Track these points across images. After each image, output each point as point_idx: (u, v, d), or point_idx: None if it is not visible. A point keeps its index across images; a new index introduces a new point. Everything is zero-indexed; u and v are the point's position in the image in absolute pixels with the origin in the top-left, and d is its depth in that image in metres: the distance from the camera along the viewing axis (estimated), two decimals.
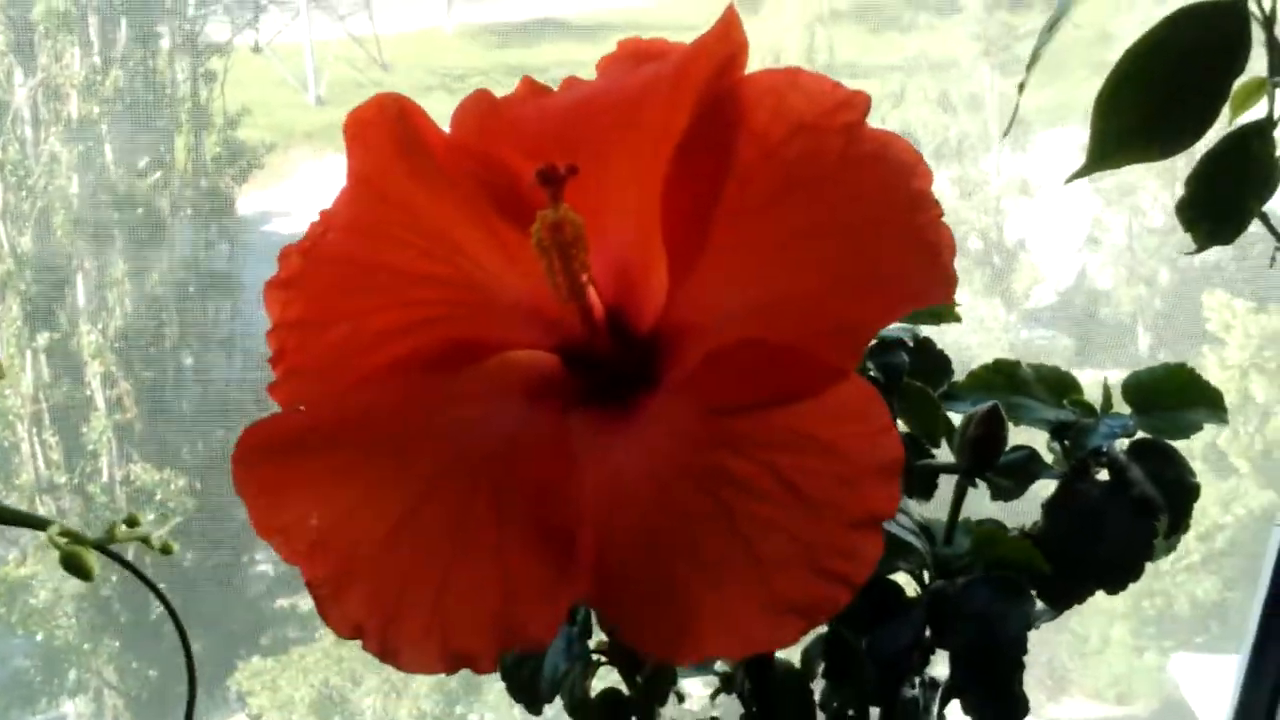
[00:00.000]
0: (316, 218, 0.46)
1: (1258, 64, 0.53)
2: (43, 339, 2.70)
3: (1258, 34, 0.51)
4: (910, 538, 0.54)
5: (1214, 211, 0.54)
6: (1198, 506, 0.58)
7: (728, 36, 0.42)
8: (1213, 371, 2.68)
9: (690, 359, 0.42)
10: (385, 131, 0.44)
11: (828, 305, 0.40)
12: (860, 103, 0.42)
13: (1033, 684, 0.58)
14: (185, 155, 3.20)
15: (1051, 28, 0.53)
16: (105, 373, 2.76)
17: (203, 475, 2.74)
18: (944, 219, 0.42)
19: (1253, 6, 0.50)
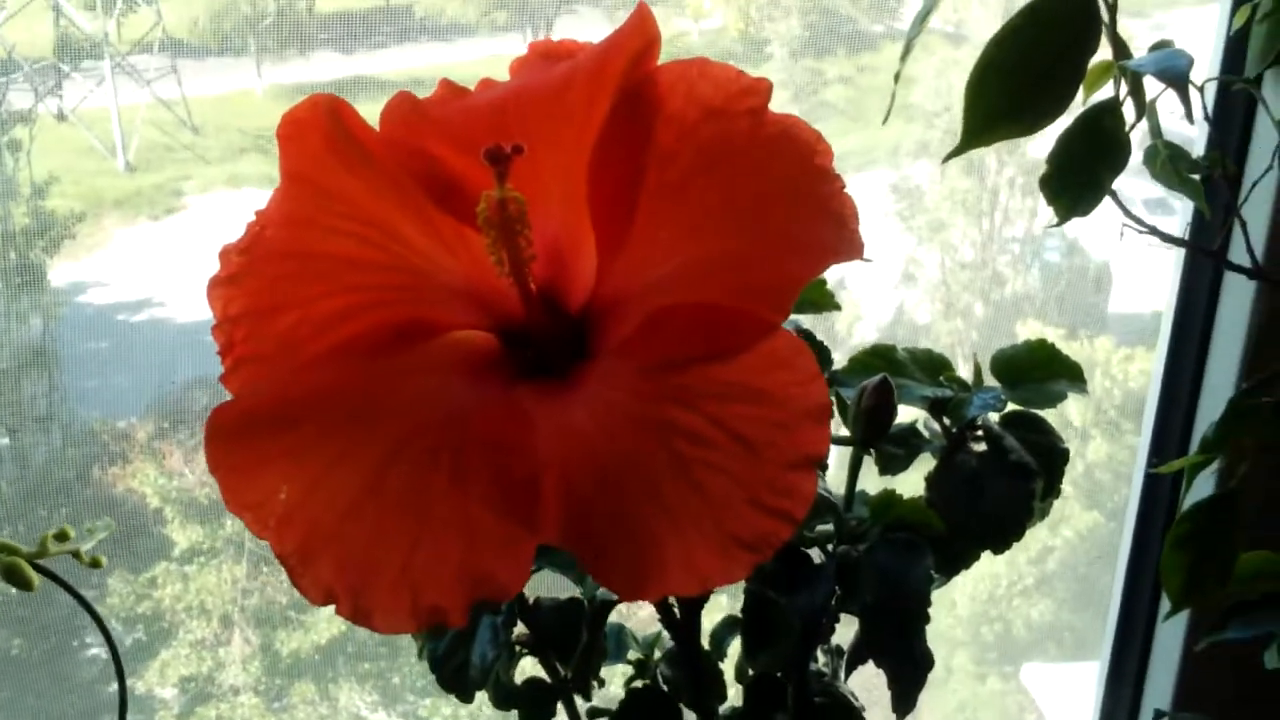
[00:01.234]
0: (252, 217, 0.48)
1: (1107, 48, 0.58)
2: None
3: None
4: (828, 495, 0.57)
5: (1073, 185, 0.59)
6: (1027, 531, 0.63)
7: (641, 30, 0.46)
8: None
9: (626, 326, 0.45)
10: (319, 129, 0.46)
11: (750, 266, 0.44)
12: (763, 89, 0.46)
13: (881, 717, 0.62)
14: None
15: (923, 19, 0.58)
16: None
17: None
18: (845, 189, 0.46)
19: None
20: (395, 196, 0.47)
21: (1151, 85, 0.64)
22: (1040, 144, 0.66)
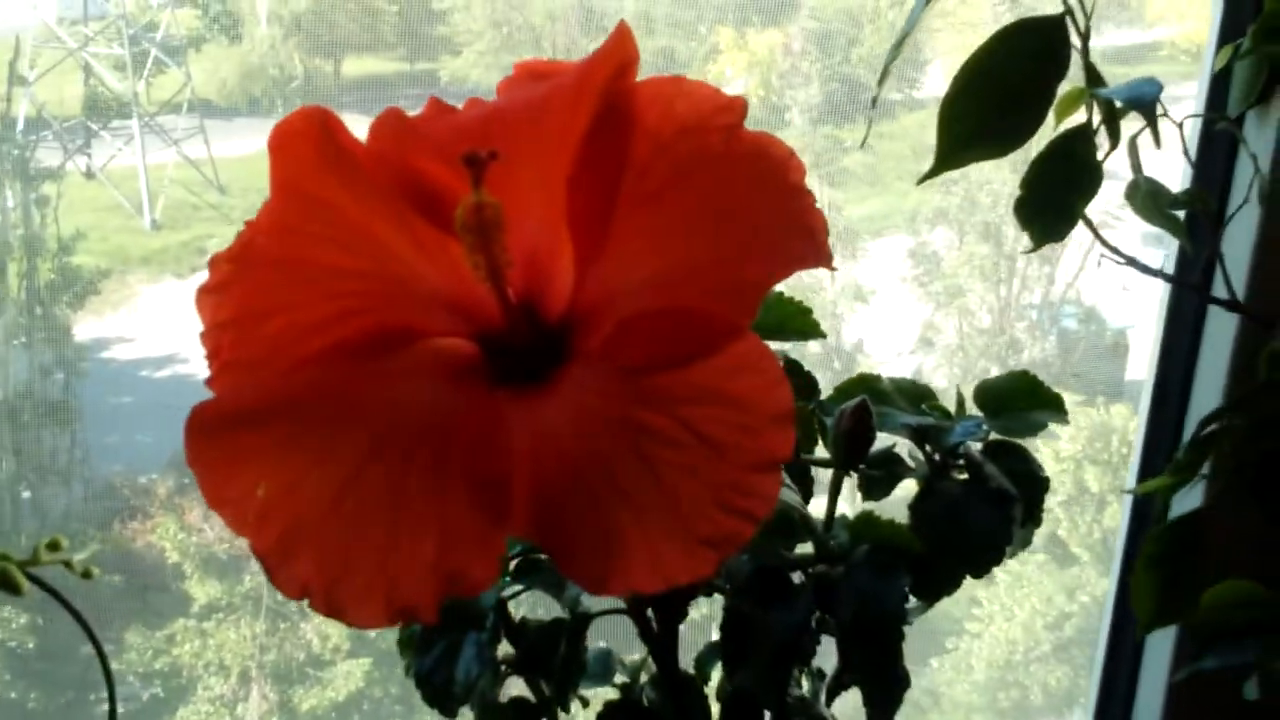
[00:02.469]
0: (243, 228, 0.50)
1: (1079, 75, 0.60)
2: None
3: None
4: (807, 515, 0.59)
5: (1046, 210, 0.61)
6: (1045, 595, 0.63)
7: (620, 48, 0.47)
8: (1048, 464, 2.78)
9: (600, 332, 0.46)
10: (310, 141, 0.48)
11: (719, 272, 0.45)
12: (738, 106, 0.48)
13: None
14: (18, 283, 3.13)
15: (899, 45, 0.60)
16: None
17: (44, 612, 2.66)
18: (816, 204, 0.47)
19: (1071, 25, 0.57)
20: (381, 207, 0.48)
21: (1134, 124, 0.65)
22: None
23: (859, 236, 3.22)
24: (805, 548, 0.62)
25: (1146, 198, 0.65)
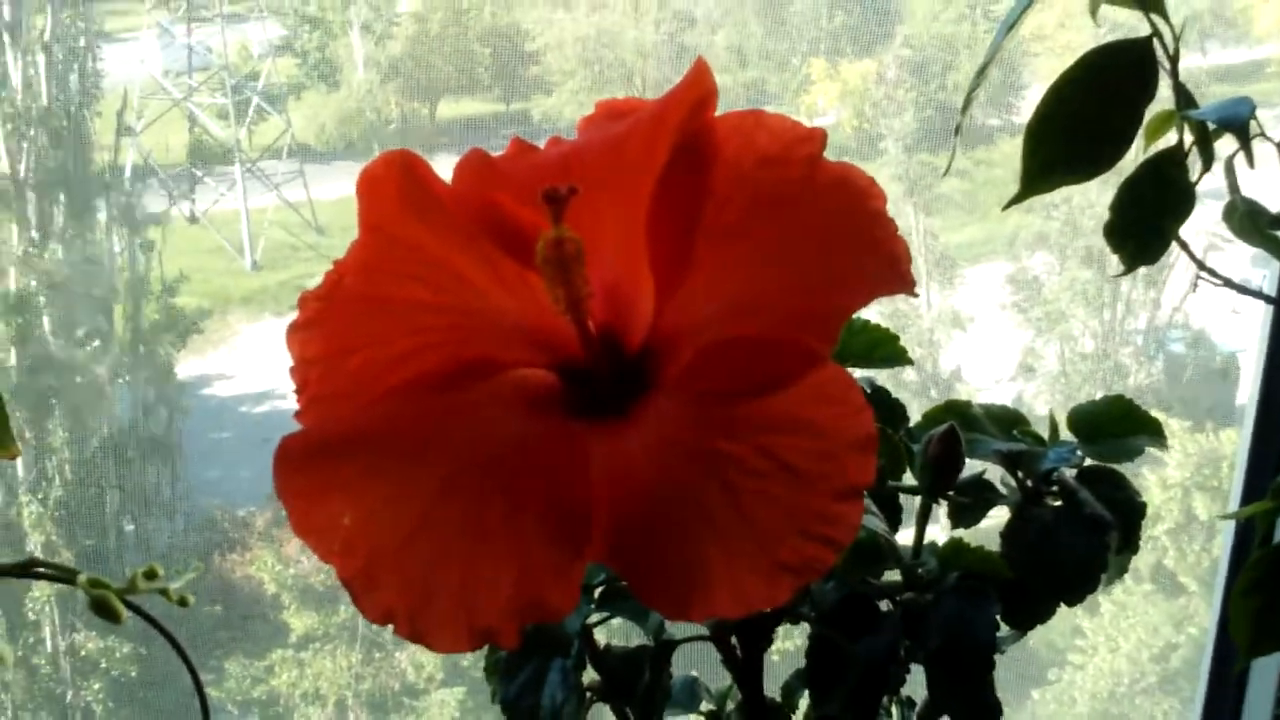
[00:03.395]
0: (330, 267, 0.51)
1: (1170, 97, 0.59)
2: None
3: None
4: (894, 543, 0.58)
5: (1137, 234, 0.60)
6: (1151, 626, 0.62)
7: (699, 83, 0.48)
8: (1154, 491, 2.73)
9: (680, 362, 0.47)
10: (394, 184, 0.49)
11: (800, 301, 0.45)
12: (818, 137, 0.48)
13: None
14: (124, 324, 3.21)
15: (980, 75, 0.59)
16: (46, 542, 2.73)
17: (146, 642, 2.71)
18: (898, 232, 0.47)
19: (1158, 46, 0.57)
20: (464, 244, 0.49)
21: (1231, 144, 0.64)
22: None
23: (956, 264, 3.18)
24: (893, 575, 0.62)
25: (1245, 218, 0.64)
